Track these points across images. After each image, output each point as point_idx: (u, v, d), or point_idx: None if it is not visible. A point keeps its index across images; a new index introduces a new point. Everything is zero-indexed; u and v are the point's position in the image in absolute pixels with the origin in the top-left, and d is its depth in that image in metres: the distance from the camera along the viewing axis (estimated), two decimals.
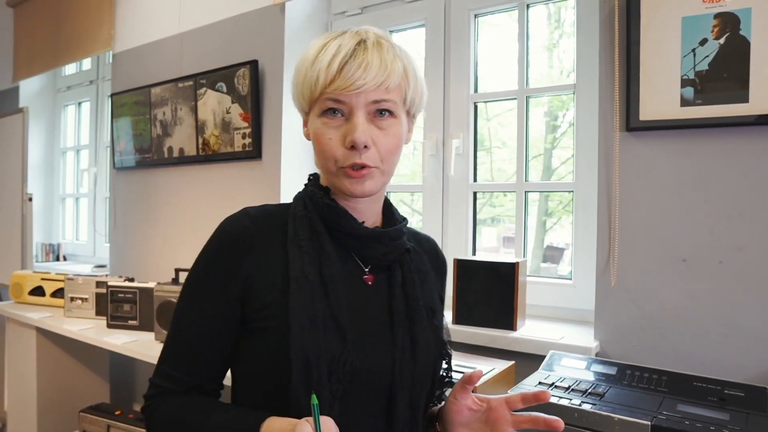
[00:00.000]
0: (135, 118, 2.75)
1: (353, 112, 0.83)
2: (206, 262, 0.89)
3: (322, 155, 0.86)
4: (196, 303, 0.88)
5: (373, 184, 0.86)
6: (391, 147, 0.86)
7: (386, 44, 0.85)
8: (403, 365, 0.86)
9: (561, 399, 1.16)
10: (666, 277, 1.43)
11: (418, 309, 0.90)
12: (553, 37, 2.04)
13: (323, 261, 0.85)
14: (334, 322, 0.82)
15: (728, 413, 1.09)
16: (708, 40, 1.37)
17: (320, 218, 0.88)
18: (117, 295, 2.15)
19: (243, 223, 0.88)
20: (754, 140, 1.34)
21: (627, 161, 1.49)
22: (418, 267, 0.94)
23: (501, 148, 2.19)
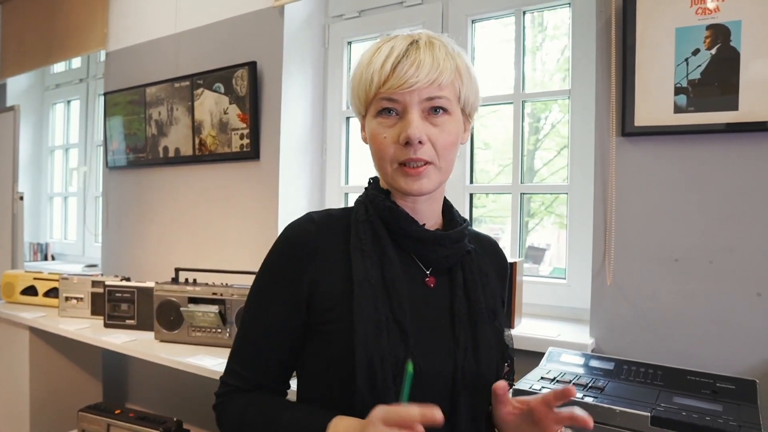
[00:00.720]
0: (129, 118, 2.74)
1: (407, 110, 0.84)
2: (272, 267, 0.92)
3: (378, 155, 0.88)
4: (263, 306, 0.91)
5: (429, 182, 0.87)
6: (446, 143, 0.86)
7: (438, 43, 0.87)
8: (466, 367, 0.87)
9: None
10: (659, 277, 1.49)
11: (480, 311, 0.91)
12: (536, 41, 2.09)
13: (385, 264, 0.87)
14: (397, 325, 0.84)
15: (721, 404, 1.15)
16: (700, 50, 1.43)
17: (382, 221, 0.90)
18: (114, 294, 2.15)
19: (307, 228, 0.91)
20: (743, 146, 1.41)
21: (622, 165, 1.55)
22: (480, 268, 0.96)
23: (484, 149, 2.25)
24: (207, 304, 1.89)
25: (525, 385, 1.25)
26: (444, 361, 0.87)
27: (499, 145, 2.18)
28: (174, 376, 2.38)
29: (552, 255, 2.25)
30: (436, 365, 0.86)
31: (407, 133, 0.83)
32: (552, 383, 1.27)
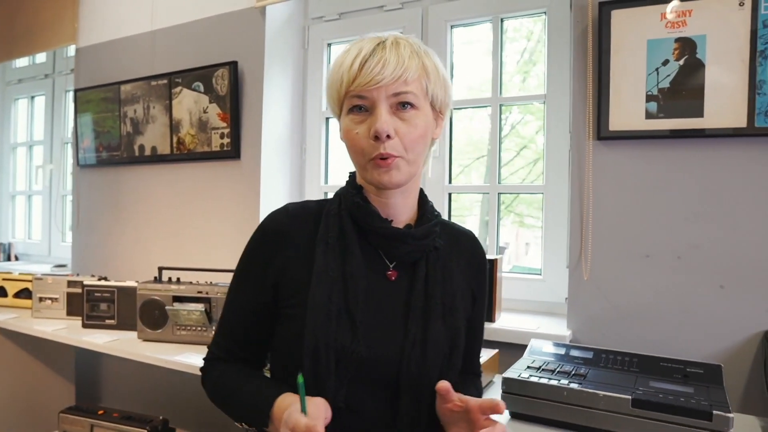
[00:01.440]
0: (102, 115, 2.70)
1: (375, 106, 0.89)
2: (248, 252, 1.02)
3: (352, 150, 0.94)
4: (240, 287, 1.02)
5: (399, 175, 0.91)
6: (414, 137, 0.90)
7: (404, 43, 0.92)
8: (412, 358, 0.92)
9: (551, 380, 1.29)
10: (632, 272, 1.60)
11: (436, 307, 0.95)
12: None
13: (347, 258, 0.93)
14: (348, 315, 0.90)
15: (692, 387, 1.25)
16: (669, 61, 1.55)
17: (350, 216, 0.96)
18: (93, 294, 2.12)
19: (281, 218, 0.99)
20: (707, 150, 1.52)
21: (598, 167, 1.65)
22: (445, 264, 0.99)
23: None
24: (192, 302, 1.90)
25: (514, 374, 1.33)
26: (391, 350, 0.92)
27: (460, 146, 2.26)
28: (155, 375, 2.37)
29: (510, 253, 2.35)
30: (381, 354, 0.92)
31: (375, 127, 0.88)
32: (538, 371, 1.35)
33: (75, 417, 1.91)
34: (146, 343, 1.93)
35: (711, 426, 1.11)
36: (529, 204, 2.29)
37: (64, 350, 2.50)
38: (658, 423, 1.15)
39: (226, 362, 1.04)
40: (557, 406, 1.25)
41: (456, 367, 0.99)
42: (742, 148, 1.49)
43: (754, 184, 1.47)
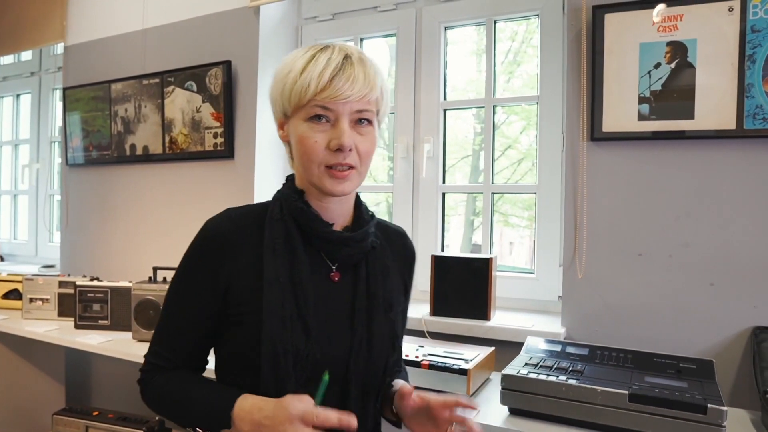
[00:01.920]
0: (92, 114, 2.68)
1: (339, 119, 0.93)
2: (192, 259, 1.01)
3: (306, 156, 0.95)
4: (183, 294, 1.01)
5: (351, 185, 0.97)
6: (368, 150, 0.97)
7: (368, 61, 0.97)
8: (359, 355, 0.98)
9: (549, 376, 1.32)
10: (625, 270, 1.64)
11: (378, 305, 1.01)
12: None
13: (294, 263, 0.97)
14: (300, 320, 0.95)
15: (686, 382, 1.29)
16: (661, 64, 1.58)
17: (294, 221, 0.99)
18: (86, 294, 2.11)
19: (225, 225, 1.00)
20: (698, 151, 1.56)
21: (591, 167, 1.68)
22: (383, 263, 1.06)
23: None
24: None
25: (513, 370, 1.36)
26: (340, 348, 0.98)
27: (447, 145, 2.28)
28: None
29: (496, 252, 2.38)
30: (333, 353, 0.97)
31: (341, 141, 0.92)
32: (536, 368, 1.37)
33: (69, 418, 1.90)
34: (141, 343, 1.92)
35: (706, 419, 1.14)
36: (514, 204, 2.33)
37: (54, 351, 2.48)
38: (655, 417, 1.18)
39: (167, 371, 1.02)
40: (556, 401, 1.28)
41: (397, 356, 1.09)
42: (731, 150, 1.53)
43: (742, 184, 1.51)
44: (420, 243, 2.21)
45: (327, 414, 0.86)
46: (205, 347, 1.04)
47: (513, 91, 2.18)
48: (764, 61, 1.48)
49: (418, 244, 2.21)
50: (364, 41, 2.38)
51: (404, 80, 2.24)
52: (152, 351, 1.03)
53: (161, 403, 1.02)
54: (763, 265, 1.49)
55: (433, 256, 1.88)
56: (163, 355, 1.02)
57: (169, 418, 1.02)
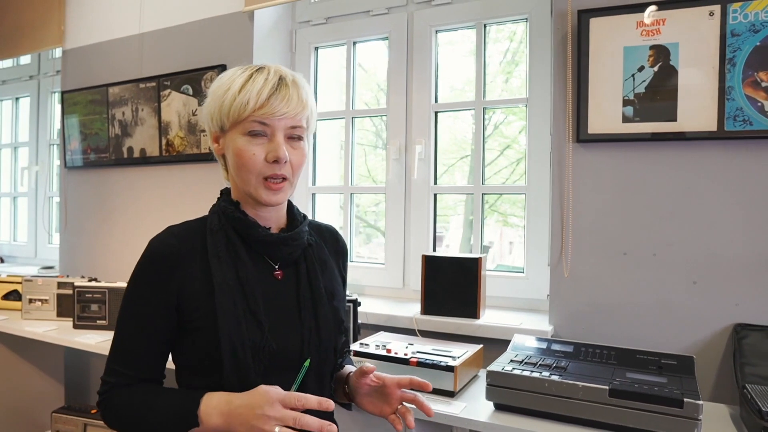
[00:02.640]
0: (90, 117, 2.72)
1: (275, 134, 1.01)
2: (142, 277, 1.05)
3: (245, 168, 1.02)
4: (136, 311, 1.05)
5: (284, 195, 1.06)
6: (300, 163, 1.06)
7: (300, 83, 1.06)
8: (310, 342, 1.06)
9: (533, 372, 1.35)
10: (610, 269, 1.67)
11: (321, 295, 1.10)
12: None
13: (239, 266, 1.04)
14: (252, 316, 1.01)
15: (666, 377, 1.33)
16: (645, 67, 1.62)
17: (233, 229, 1.06)
18: (84, 295, 2.15)
19: (169, 241, 1.05)
20: (680, 152, 1.60)
21: (577, 168, 1.71)
22: (320, 257, 1.15)
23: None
24: None
25: (498, 367, 1.39)
26: (293, 339, 1.05)
27: (445, 145, 2.32)
28: None
29: (495, 252, 2.41)
30: (287, 344, 1.04)
31: (277, 153, 1.00)
32: (521, 365, 1.41)
33: (68, 416, 1.93)
34: None
35: (682, 413, 1.18)
36: (513, 203, 2.36)
37: (53, 351, 2.51)
38: (634, 411, 1.22)
39: (126, 387, 1.04)
40: (539, 396, 1.32)
41: (345, 341, 1.15)
42: (713, 151, 1.56)
43: (724, 185, 1.55)
44: (412, 243, 2.25)
45: (307, 397, 0.92)
46: (161, 360, 1.08)
47: (512, 92, 2.21)
48: (744, 64, 1.51)
49: (411, 243, 2.25)
50: (357, 45, 2.42)
51: (396, 83, 2.27)
52: (109, 370, 1.05)
53: (125, 417, 1.02)
54: (745, 263, 1.52)
55: (423, 256, 1.92)
56: (121, 373, 1.04)
57: (134, 429, 1.03)
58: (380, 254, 2.43)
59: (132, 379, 1.04)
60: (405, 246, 2.27)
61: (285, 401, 0.91)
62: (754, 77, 1.50)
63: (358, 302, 1.84)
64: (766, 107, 1.49)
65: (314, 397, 0.93)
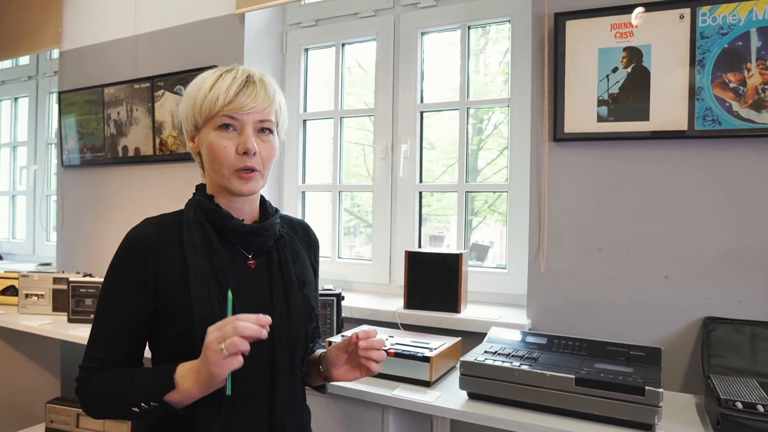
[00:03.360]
0: (86, 117, 2.78)
1: (244, 128, 1.07)
2: (120, 266, 1.10)
3: (217, 161, 1.08)
4: (114, 299, 1.09)
5: (255, 185, 1.10)
6: (270, 155, 1.11)
7: (267, 81, 1.12)
8: (282, 327, 1.10)
9: (504, 362, 1.40)
10: (585, 264, 1.72)
11: (292, 283, 1.15)
12: (479, 44, 2.31)
13: (213, 255, 1.08)
14: (226, 303, 1.04)
15: (632, 367, 1.37)
16: (618, 68, 1.67)
17: (208, 221, 1.11)
18: (79, 290, 2.20)
19: (146, 231, 1.11)
20: (653, 151, 1.65)
21: (554, 167, 1.76)
22: (292, 248, 1.20)
23: (429, 150, 2.44)
24: None
25: (471, 357, 1.44)
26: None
27: (444, 145, 2.37)
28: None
29: (495, 252, 2.45)
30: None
31: (247, 145, 1.05)
32: (494, 355, 1.46)
33: (61, 407, 1.98)
34: None
35: (644, 400, 1.22)
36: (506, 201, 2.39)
37: (50, 344, 2.57)
38: (599, 399, 1.27)
39: (102, 371, 1.07)
40: (509, 386, 1.37)
41: (316, 327, 1.19)
42: (683, 150, 1.61)
43: (694, 182, 1.60)
44: (397, 240, 2.30)
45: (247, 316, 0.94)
46: (139, 346, 1.11)
47: (508, 92, 2.25)
48: (713, 66, 1.56)
49: (396, 240, 2.30)
50: (345, 47, 2.47)
51: (383, 83, 2.32)
52: (87, 357, 1.09)
53: (103, 395, 1.05)
54: (715, 259, 1.57)
55: (406, 252, 1.97)
56: (99, 358, 1.07)
57: (111, 408, 1.05)
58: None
59: (109, 364, 1.07)
60: (391, 242, 2.32)
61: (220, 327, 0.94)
62: (723, 78, 1.55)
63: (342, 296, 1.89)
64: (734, 107, 1.54)
65: (252, 316, 0.94)
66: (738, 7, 1.53)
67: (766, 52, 1.51)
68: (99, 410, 1.08)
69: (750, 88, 1.52)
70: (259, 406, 1.09)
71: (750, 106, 1.52)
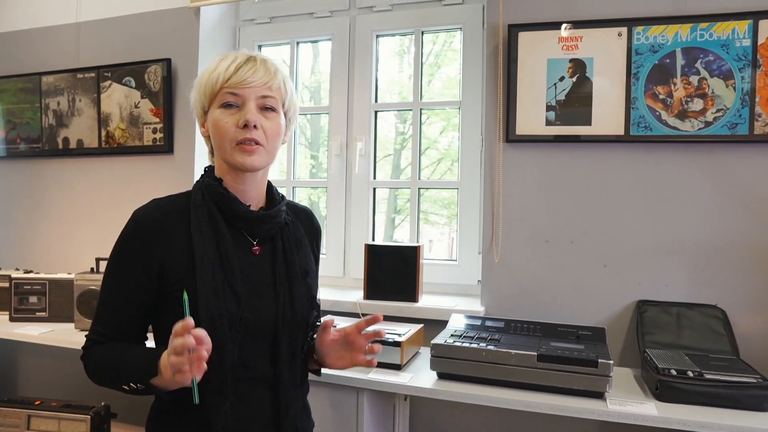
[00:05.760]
0: (20, 106, 2.64)
1: (246, 103, 1.10)
2: (126, 246, 1.12)
3: (220, 137, 1.11)
4: (119, 277, 1.12)
5: (259, 159, 1.12)
6: (273, 132, 1.13)
7: (269, 61, 1.16)
8: (284, 315, 1.14)
9: (471, 344, 1.53)
10: (534, 255, 1.89)
11: (295, 271, 1.18)
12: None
13: (219, 240, 1.11)
14: (230, 288, 1.10)
15: (583, 344, 1.55)
16: (565, 77, 1.85)
17: (215, 204, 1.13)
18: (23, 287, 2.11)
19: (152, 213, 1.13)
20: (594, 153, 1.84)
21: (506, 166, 1.92)
22: (296, 236, 1.22)
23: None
24: None
25: (440, 340, 1.56)
26: (268, 311, 1.13)
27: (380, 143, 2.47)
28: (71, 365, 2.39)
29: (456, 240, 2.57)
30: (262, 316, 1.12)
31: (246, 117, 1.08)
32: (460, 338, 1.59)
33: (9, 409, 1.90)
34: (85, 332, 1.95)
35: (597, 371, 1.39)
36: (434, 202, 2.54)
37: None
38: (558, 373, 1.43)
39: (105, 344, 1.12)
40: (477, 364, 1.50)
41: (317, 315, 1.25)
42: (620, 152, 1.81)
43: (629, 181, 1.80)
44: (353, 233, 2.38)
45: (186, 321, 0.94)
46: (141, 325, 1.14)
47: (432, 93, 2.40)
48: (646, 79, 1.77)
49: (351, 234, 2.38)
50: (300, 45, 2.52)
51: (338, 83, 2.40)
52: (94, 330, 1.13)
53: (101, 367, 1.10)
54: (646, 249, 1.79)
55: (366, 245, 2.06)
56: (101, 333, 1.12)
57: (107, 381, 1.10)
58: None
59: (111, 339, 1.11)
60: (345, 237, 2.40)
61: (174, 332, 0.94)
62: (654, 90, 1.77)
63: None
64: (663, 116, 1.76)
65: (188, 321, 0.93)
66: (666, 29, 1.75)
67: (689, 69, 1.74)
68: (97, 381, 1.12)
69: (676, 100, 1.75)
70: (263, 390, 1.13)
71: (676, 115, 1.75)
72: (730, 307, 1.69)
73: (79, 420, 1.87)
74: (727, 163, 1.72)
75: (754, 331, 1.68)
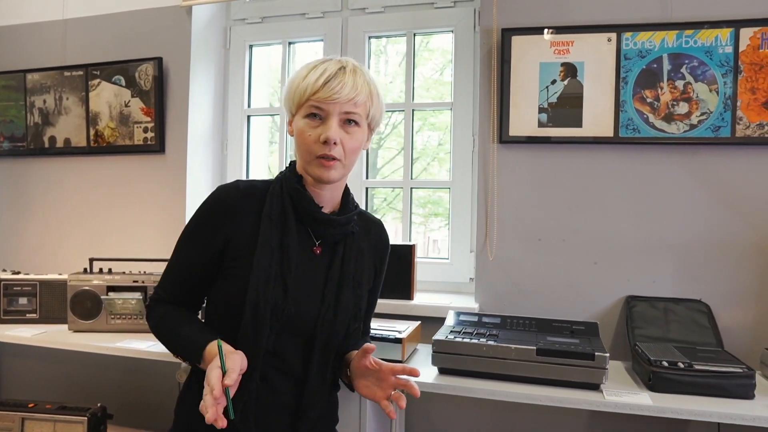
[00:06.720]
0: (4, 104, 2.59)
1: (329, 117, 1.12)
2: (199, 217, 1.20)
3: (302, 147, 1.16)
4: (189, 245, 1.21)
5: (336, 174, 1.15)
6: (353, 148, 1.16)
7: (360, 71, 1.18)
8: (326, 318, 1.18)
9: (472, 340, 1.57)
10: (527, 252, 1.95)
11: (348, 280, 1.22)
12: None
13: (285, 232, 1.16)
14: (281, 279, 1.15)
15: (578, 339, 1.61)
16: (557, 80, 1.91)
17: (290, 198, 1.19)
18: (12, 288, 2.08)
19: (232, 192, 1.19)
20: (584, 154, 1.90)
21: (500, 166, 1.97)
22: (358, 246, 1.26)
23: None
24: (128, 291, 1.96)
25: (441, 336, 1.60)
26: (311, 310, 1.18)
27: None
28: (66, 368, 2.36)
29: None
30: (304, 313, 1.17)
31: (327, 134, 1.11)
32: (460, 334, 1.63)
33: (2, 412, 1.88)
34: (78, 333, 1.94)
35: (593, 364, 1.45)
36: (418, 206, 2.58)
37: None
38: (557, 366, 1.48)
39: (169, 303, 1.23)
40: (478, 359, 1.54)
41: (357, 327, 1.26)
42: (610, 153, 1.88)
43: (618, 181, 1.87)
44: None
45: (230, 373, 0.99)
46: (200, 291, 1.23)
47: (422, 96, 2.44)
48: (634, 83, 1.84)
49: None
50: (291, 46, 2.54)
51: None
52: (161, 285, 1.25)
53: (158, 331, 1.22)
54: (635, 246, 1.86)
55: None
56: (168, 290, 1.23)
57: (162, 342, 1.23)
58: None
59: (174, 298, 1.23)
60: None
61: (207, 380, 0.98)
62: (641, 94, 1.84)
63: None
64: (650, 119, 1.83)
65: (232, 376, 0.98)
66: (654, 35, 1.82)
67: (675, 74, 1.81)
68: (155, 335, 1.24)
69: (663, 104, 1.82)
70: (290, 384, 1.17)
71: (662, 118, 1.82)
72: (714, 302, 1.77)
73: (76, 422, 1.86)
74: (711, 164, 1.80)
75: (736, 324, 1.77)
